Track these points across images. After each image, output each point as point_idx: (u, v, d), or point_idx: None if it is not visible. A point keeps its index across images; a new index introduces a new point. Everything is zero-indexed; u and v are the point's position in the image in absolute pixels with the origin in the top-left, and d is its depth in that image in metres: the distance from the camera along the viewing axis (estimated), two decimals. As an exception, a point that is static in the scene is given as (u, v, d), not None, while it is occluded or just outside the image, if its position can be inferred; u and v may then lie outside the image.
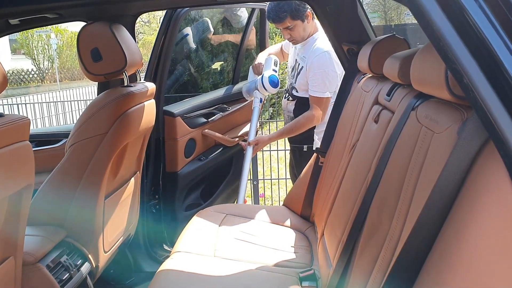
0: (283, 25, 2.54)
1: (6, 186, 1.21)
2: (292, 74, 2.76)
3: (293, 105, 2.73)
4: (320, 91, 2.53)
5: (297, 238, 2.10)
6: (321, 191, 2.10)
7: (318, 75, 2.52)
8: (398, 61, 1.40)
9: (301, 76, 2.63)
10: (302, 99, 2.65)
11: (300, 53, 2.67)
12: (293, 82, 2.73)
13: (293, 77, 2.72)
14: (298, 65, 2.68)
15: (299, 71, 2.65)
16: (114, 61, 1.81)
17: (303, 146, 2.74)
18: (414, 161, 1.10)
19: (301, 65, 2.63)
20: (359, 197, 1.39)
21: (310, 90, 2.57)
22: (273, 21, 2.56)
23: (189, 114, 2.74)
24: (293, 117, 2.71)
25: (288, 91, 2.79)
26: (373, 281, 1.14)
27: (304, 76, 2.60)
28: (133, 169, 2.19)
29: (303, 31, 2.57)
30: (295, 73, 2.71)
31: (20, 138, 1.25)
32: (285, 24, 2.53)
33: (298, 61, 2.68)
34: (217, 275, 1.68)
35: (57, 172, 1.79)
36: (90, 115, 1.78)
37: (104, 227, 1.91)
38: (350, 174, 1.62)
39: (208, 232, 2.02)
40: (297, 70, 2.68)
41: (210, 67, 3.76)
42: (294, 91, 2.71)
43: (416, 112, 1.20)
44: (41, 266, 1.55)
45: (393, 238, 1.11)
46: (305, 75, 2.59)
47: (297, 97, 2.69)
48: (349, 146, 1.81)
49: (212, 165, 2.92)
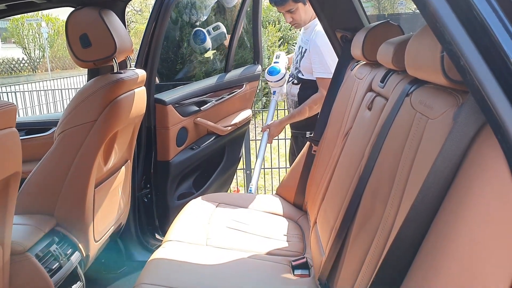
0: (285, 8, 2.59)
1: (-9, 174, 1.18)
2: (296, 59, 2.81)
3: (297, 89, 2.78)
4: (325, 72, 2.56)
5: (290, 226, 2.09)
6: (314, 179, 2.08)
7: (320, 55, 2.56)
8: (392, 47, 1.38)
9: (305, 59, 2.67)
10: (307, 82, 2.70)
11: (303, 37, 2.73)
12: (298, 66, 2.77)
13: (297, 61, 2.78)
14: (302, 48, 2.73)
15: (303, 54, 2.70)
16: (104, 47, 1.78)
17: (305, 133, 2.75)
18: (408, 148, 1.09)
19: (304, 47, 2.69)
20: (352, 185, 1.38)
21: (314, 72, 2.62)
22: (276, 3, 2.60)
23: (181, 102, 2.71)
24: (297, 101, 2.77)
25: (293, 75, 2.83)
26: (366, 268, 1.13)
27: (308, 58, 2.64)
28: (124, 158, 2.16)
29: (304, 14, 2.63)
30: (299, 57, 2.75)
31: (6, 125, 1.22)
32: (287, 7, 2.58)
33: (301, 44, 2.74)
34: (209, 263, 1.67)
35: (46, 160, 1.76)
36: (79, 102, 1.74)
37: (95, 216, 1.88)
38: (343, 161, 1.60)
39: (200, 221, 2.00)
40: (301, 53, 2.72)
41: (203, 55, 3.72)
42: (299, 74, 2.75)
43: (410, 98, 1.19)
44: (30, 256, 1.52)
45: (386, 225, 1.10)
46: (308, 58, 2.64)
47: (302, 80, 2.73)
48: (342, 134, 1.79)
49: (205, 154, 2.89)
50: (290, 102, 2.91)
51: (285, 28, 9.06)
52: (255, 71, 3.23)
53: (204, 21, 3.68)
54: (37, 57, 18.83)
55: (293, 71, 2.85)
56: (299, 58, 2.74)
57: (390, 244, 1.01)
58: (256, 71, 3.23)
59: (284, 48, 8.69)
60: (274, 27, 8.83)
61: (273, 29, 8.72)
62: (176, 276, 1.56)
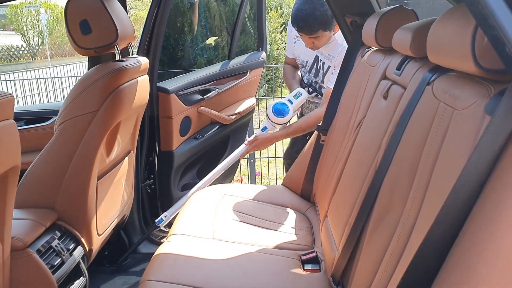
0: (313, 35, 2.38)
1: (-12, 168, 1.12)
2: (312, 72, 2.64)
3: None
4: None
5: (298, 219, 2.03)
6: (323, 170, 2.02)
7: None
8: (410, 32, 1.31)
9: (329, 75, 2.53)
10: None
11: (324, 52, 2.53)
12: (317, 80, 2.63)
13: (317, 75, 2.62)
14: (323, 64, 2.56)
15: (326, 70, 2.55)
16: (105, 34, 1.70)
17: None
18: (431, 140, 1.02)
19: (327, 64, 2.53)
20: (368, 178, 1.31)
21: (329, 82, 2.44)
22: (303, 31, 2.37)
23: (184, 90, 2.64)
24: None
25: (315, 89, 2.69)
26: (385, 269, 1.07)
27: (329, 74, 2.51)
28: (127, 149, 2.09)
29: (327, 40, 2.44)
30: (320, 72, 2.59)
31: (3, 116, 1.15)
32: (315, 35, 2.37)
33: (322, 59, 2.56)
34: (216, 258, 1.61)
35: (46, 152, 1.69)
36: (80, 92, 1.67)
37: (98, 209, 1.83)
38: (357, 153, 1.53)
39: (206, 214, 1.94)
40: (323, 69, 2.57)
41: (204, 42, 3.64)
42: (322, 89, 2.61)
43: (432, 87, 1.12)
44: (30, 252, 1.46)
45: (407, 223, 1.03)
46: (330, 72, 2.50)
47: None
48: (353, 124, 1.72)
49: (208, 143, 2.83)
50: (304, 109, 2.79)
51: (287, 14, 8.92)
52: (259, 58, 3.16)
53: (205, 7, 3.59)
54: (36, 44, 18.66)
55: (312, 84, 2.68)
56: (321, 73, 2.58)
57: (413, 244, 0.96)
58: (260, 58, 3.15)
59: (286, 34, 8.56)
60: (276, 13, 8.70)
61: (275, 14, 8.59)
62: (182, 272, 1.50)
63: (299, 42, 2.63)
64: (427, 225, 0.86)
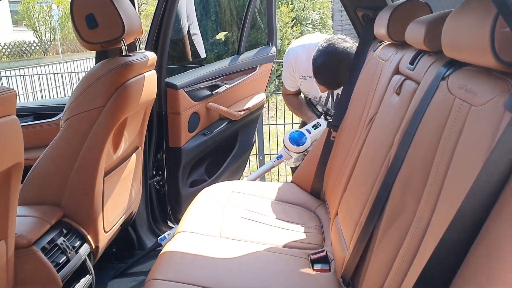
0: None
1: (-11, 165, 1.10)
2: (329, 105, 2.59)
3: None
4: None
5: (307, 217, 2.00)
6: (333, 167, 1.98)
7: None
8: (424, 25, 1.26)
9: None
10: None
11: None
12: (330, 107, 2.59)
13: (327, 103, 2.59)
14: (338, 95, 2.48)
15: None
16: (111, 28, 1.67)
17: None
18: (446, 138, 0.98)
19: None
20: (380, 176, 1.27)
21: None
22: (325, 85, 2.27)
23: (192, 86, 2.61)
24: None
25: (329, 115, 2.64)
26: (397, 270, 1.03)
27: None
28: (134, 145, 2.07)
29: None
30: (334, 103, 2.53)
31: (5, 112, 1.13)
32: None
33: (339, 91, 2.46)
34: (224, 257, 1.58)
35: (52, 148, 1.67)
36: (86, 87, 1.65)
37: (104, 206, 1.80)
38: (368, 150, 1.49)
39: (214, 211, 1.91)
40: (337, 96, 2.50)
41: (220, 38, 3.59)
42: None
43: (447, 82, 1.07)
44: (35, 249, 1.44)
45: (420, 224, 0.99)
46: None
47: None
48: (365, 120, 1.68)
49: (217, 140, 2.80)
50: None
51: (298, 9, 8.84)
52: (269, 52, 3.11)
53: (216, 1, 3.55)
54: (48, 39, 18.77)
55: (329, 112, 2.62)
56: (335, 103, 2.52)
57: (427, 246, 0.91)
58: (270, 52, 3.11)
59: (297, 29, 8.50)
60: (287, 7, 8.62)
61: (285, 9, 8.51)
62: (189, 271, 1.48)
63: (307, 81, 2.52)
64: (442, 226, 0.82)
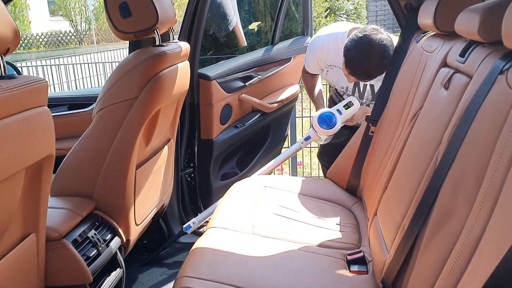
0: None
1: (20, 158, 1.07)
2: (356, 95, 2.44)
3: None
4: None
5: (343, 214, 1.92)
6: (372, 163, 1.90)
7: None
8: (479, 14, 1.16)
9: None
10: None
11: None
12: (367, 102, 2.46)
13: (362, 97, 2.44)
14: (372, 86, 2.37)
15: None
16: (145, 18, 1.63)
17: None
18: (505, 137, 0.89)
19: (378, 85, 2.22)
20: (426, 176, 1.18)
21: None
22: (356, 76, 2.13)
23: (225, 77, 2.55)
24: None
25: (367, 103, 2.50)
26: (446, 279, 0.95)
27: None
28: (166, 137, 2.03)
29: None
30: (366, 94, 2.41)
31: (37, 103, 1.10)
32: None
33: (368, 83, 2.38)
34: (256, 255, 1.53)
35: (84, 139, 1.65)
36: (119, 78, 1.61)
37: (136, 199, 1.78)
38: (412, 147, 1.40)
39: (246, 206, 1.86)
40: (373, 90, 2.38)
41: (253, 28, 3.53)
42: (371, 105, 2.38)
43: (506, 76, 0.97)
44: (66, 243, 1.42)
45: (473, 230, 0.91)
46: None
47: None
48: (408, 115, 1.59)
49: (249, 132, 2.75)
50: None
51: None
52: (304, 43, 3.03)
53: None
54: (83, 29, 19.11)
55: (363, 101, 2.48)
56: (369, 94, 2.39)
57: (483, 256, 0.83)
58: (305, 43, 3.03)
59: (331, 19, 8.34)
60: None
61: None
62: (221, 269, 1.43)
63: (333, 71, 2.40)
64: (502, 235, 0.74)
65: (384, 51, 2.03)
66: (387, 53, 2.03)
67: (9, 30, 1.02)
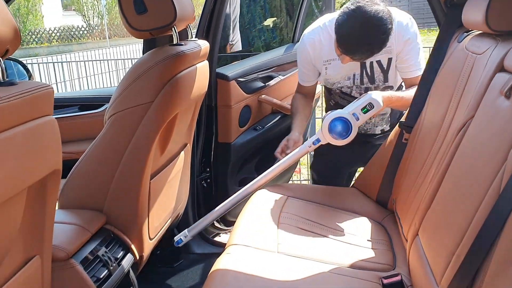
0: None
1: (21, 176, 0.93)
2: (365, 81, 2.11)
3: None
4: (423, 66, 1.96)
5: (374, 229, 1.77)
6: (406, 174, 1.73)
7: (419, 44, 2.00)
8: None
9: (393, 70, 2.06)
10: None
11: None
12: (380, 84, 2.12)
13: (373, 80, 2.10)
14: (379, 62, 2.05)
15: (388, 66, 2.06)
16: (162, 14, 1.49)
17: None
18: None
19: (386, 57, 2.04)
20: (487, 199, 1.02)
21: (415, 71, 2.00)
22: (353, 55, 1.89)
23: (245, 77, 2.40)
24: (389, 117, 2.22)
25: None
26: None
27: (401, 63, 2.03)
28: (182, 142, 1.89)
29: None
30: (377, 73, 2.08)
31: (40, 112, 0.96)
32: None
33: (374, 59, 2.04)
34: (283, 278, 1.38)
35: (95, 147, 1.51)
36: (133, 80, 1.47)
37: (150, 211, 1.64)
38: (463, 163, 1.23)
39: (269, 220, 1.71)
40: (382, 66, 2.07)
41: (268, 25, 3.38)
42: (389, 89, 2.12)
43: None
44: (74, 263, 1.28)
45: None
46: (401, 62, 2.02)
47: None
48: (451, 123, 1.43)
49: (269, 135, 2.59)
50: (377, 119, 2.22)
51: (349, -6, 8.48)
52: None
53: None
54: (96, 24, 19.07)
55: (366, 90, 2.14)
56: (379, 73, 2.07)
57: None
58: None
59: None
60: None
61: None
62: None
63: (332, 65, 2.12)
64: None
65: (381, 24, 1.78)
66: (385, 26, 1.78)
67: (8, 29, 0.87)
